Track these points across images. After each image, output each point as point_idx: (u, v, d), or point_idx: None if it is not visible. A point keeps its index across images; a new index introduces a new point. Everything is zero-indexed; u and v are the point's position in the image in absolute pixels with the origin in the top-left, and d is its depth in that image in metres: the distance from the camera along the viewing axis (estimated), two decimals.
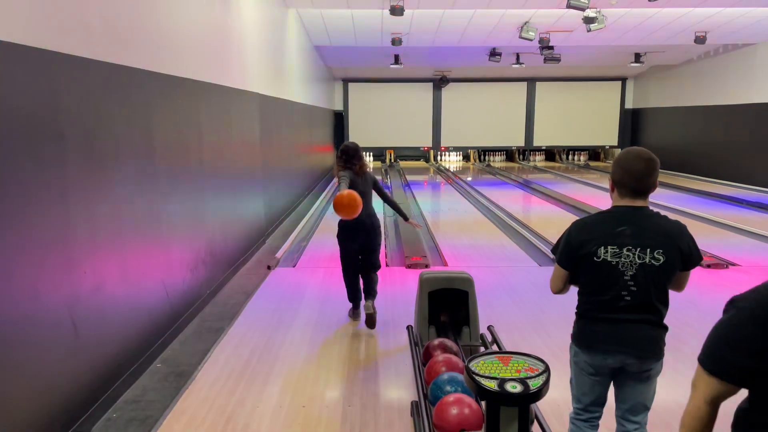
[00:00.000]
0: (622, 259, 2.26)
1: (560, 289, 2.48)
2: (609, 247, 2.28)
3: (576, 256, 2.34)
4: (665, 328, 2.36)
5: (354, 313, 4.93)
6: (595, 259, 2.29)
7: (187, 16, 5.11)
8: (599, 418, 2.49)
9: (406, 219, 5.17)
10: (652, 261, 2.24)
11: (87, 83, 3.35)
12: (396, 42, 13.29)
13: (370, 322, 4.59)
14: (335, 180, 5.05)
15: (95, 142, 3.43)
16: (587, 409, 2.47)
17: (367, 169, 4.80)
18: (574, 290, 2.51)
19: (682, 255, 2.26)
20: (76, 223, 3.20)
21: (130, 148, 3.89)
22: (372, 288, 4.72)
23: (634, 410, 2.39)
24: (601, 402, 2.46)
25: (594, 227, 2.35)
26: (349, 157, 4.66)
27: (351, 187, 4.47)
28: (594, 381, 2.41)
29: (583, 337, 2.40)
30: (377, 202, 4.93)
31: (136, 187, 3.97)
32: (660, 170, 2.35)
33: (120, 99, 3.77)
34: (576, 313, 2.45)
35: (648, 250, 2.24)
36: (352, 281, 4.84)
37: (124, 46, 3.83)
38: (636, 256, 2.25)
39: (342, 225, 4.68)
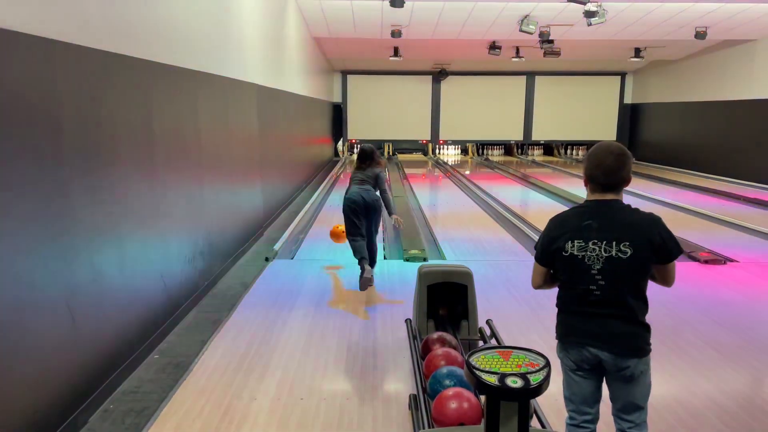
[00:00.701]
0: (588, 252, 2.26)
1: (539, 285, 2.49)
2: (575, 241, 2.28)
3: (549, 251, 2.36)
4: (643, 325, 2.31)
5: (362, 271, 5.39)
6: (563, 253, 2.30)
7: (186, 5, 5.06)
8: (594, 422, 2.44)
9: (390, 214, 5.51)
10: (619, 254, 2.22)
11: (84, 72, 3.32)
12: (396, 34, 13.24)
13: (366, 283, 5.23)
14: None
15: (93, 131, 3.40)
16: (579, 410, 2.43)
17: (377, 165, 5.54)
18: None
19: (653, 247, 2.22)
20: (74, 212, 3.18)
21: (128, 138, 3.86)
22: (372, 257, 5.58)
23: (625, 409, 2.36)
24: (592, 401, 2.42)
25: (566, 222, 2.36)
26: (362, 159, 5.55)
27: (352, 176, 5.51)
28: (579, 377, 2.39)
29: (561, 331, 2.42)
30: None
31: (134, 176, 3.94)
32: (658, 165, 2.34)
33: (118, 88, 3.74)
34: (556, 307, 2.47)
35: (614, 243, 2.23)
36: (359, 244, 5.42)
37: (122, 35, 3.79)
38: (602, 250, 2.24)
39: (347, 199, 5.42)
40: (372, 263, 5.60)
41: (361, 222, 5.42)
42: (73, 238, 3.16)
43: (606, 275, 2.24)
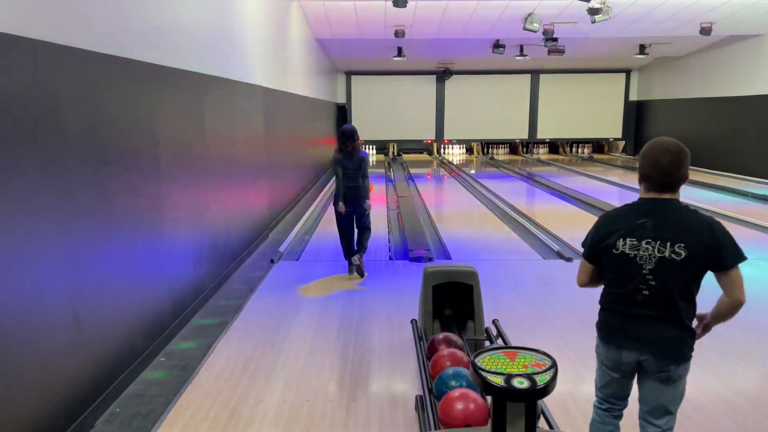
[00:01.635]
0: (641, 251, 2.21)
1: (585, 283, 2.45)
2: (628, 239, 2.23)
3: (598, 248, 2.32)
4: (689, 330, 2.25)
5: (350, 268, 5.93)
6: (614, 251, 2.26)
7: (189, 9, 5.07)
8: (623, 408, 2.45)
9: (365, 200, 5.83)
10: (673, 255, 2.17)
11: (88, 75, 3.32)
12: (399, 34, 13.21)
13: (359, 271, 5.78)
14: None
15: (97, 134, 3.41)
16: (608, 400, 2.44)
17: (358, 149, 5.71)
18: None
19: (708, 251, 2.15)
20: (79, 215, 3.18)
21: (132, 141, 3.87)
22: (362, 243, 5.87)
23: (654, 412, 2.32)
24: (622, 396, 2.42)
25: (617, 219, 2.31)
26: (344, 139, 5.65)
27: (343, 171, 5.67)
28: (612, 376, 2.37)
29: (602, 329, 2.38)
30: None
31: (139, 179, 3.95)
32: None
33: (122, 91, 3.74)
34: (599, 304, 2.43)
35: (668, 243, 2.17)
36: (348, 241, 5.87)
37: (126, 38, 3.80)
38: (656, 250, 2.19)
39: (342, 193, 5.71)
40: (363, 249, 5.91)
41: (351, 218, 5.81)
42: (78, 241, 3.16)
43: (657, 276, 2.19)
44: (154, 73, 4.21)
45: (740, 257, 2.19)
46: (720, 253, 2.16)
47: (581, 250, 2.50)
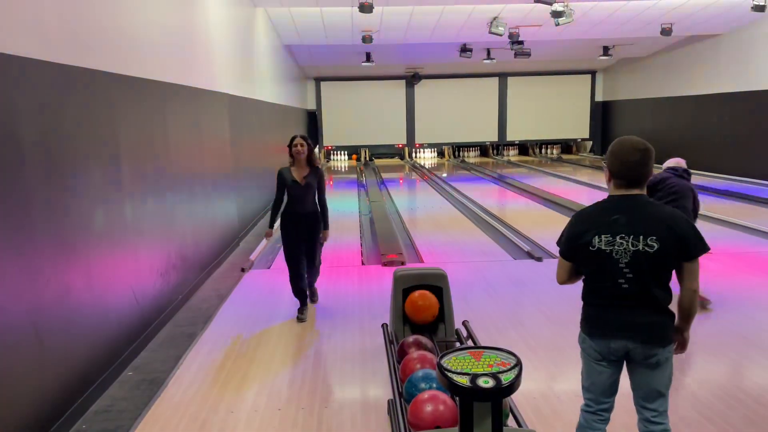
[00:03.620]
0: (616, 246, 2.29)
1: (564, 281, 2.51)
2: (603, 235, 2.31)
3: (574, 246, 2.38)
4: (669, 314, 2.36)
5: (300, 313, 4.90)
6: (590, 248, 2.33)
7: (150, 16, 5.00)
8: (609, 410, 2.48)
9: (324, 227, 4.95)
10: (646, 248, 2.26)
11: (44, 86, 3.25)
12: (367, 39, 13.24)
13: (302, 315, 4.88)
14: None
15: (55, 146, 3.33)
16: (597, 400, 2.46)
17: (317, 165, 4.85)
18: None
19: (677, 242, 2.25)
20: (37, 229, 3.10)
21: (93, 152, 3.79)
22: (313, 288, 5.15)
23: (648, 397, 2.40)
24: (611, 392, 2.46)
25: (590, 217, 2.38)
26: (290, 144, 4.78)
27: (289, 190, 4.75)
28: (601, 368, 2.41)
29: (588, 323, 2.42)
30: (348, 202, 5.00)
31: (100, 191, 3.87)
32: None
33: (81, 102, 3.67)
34: (582, 300, 2.47)
35: (641, 237, 2.26)
36: (296, 273, 4.89)
37: (84, 48, 3.73)
38: (630, 244, 2.27)
39: (285, 216, 4.86)
40: (312, 294, 5.17)
41: (300, 245, 4.85)
42: (37, 254, 3.08)
43: (633, 268, 2.28)
44: (112, 82, 4.13)
45: (705, 248, 2.30)
46: (688, 243, 2.27)
47: (551, 249, 2.54)
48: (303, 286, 4.92)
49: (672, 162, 4.92)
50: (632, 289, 2.29)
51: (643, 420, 2.42)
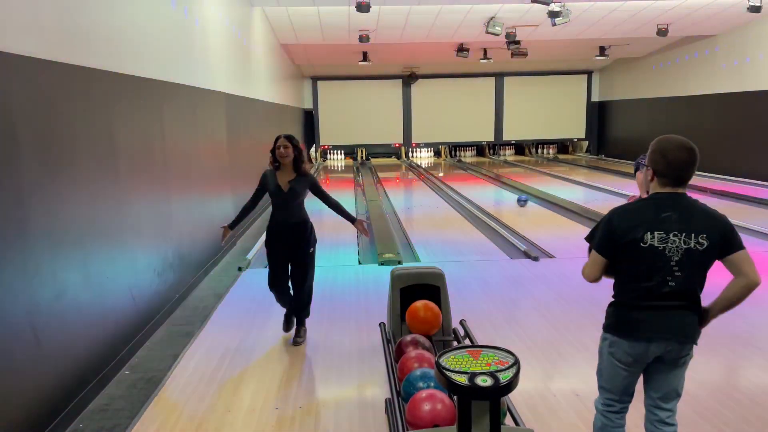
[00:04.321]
0: (669, 244, 2.28)
1: (597, 278, 2.44)
2: (656, 232, 2.28)
3: (620, 242, 2.32)
4: (701, 313, 2.37)
5: (286, 323, 4.38)
6: (641, 244, 2.29)
7: (147, 15, 4.99)
8: (628, 408, 2.49)
9: (353, 220, 4.34)
10: (697, 246, 2.27)
11: (41, 84, 3.24)
12: (364, 39, 13.24)
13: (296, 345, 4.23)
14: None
15: (52, 145, 3.32)
16: (621, 399, 2.44)
17: (305, 170, 4.23)
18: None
19: (722, 238, 2.27)
20: (34, 227, 3.09)
21: (90, 150, 3.78)
22: (300, 309, 4.32)
23: (666, 397, 2.40)
24: (632, 392, 2.46)
25: (638, 213, 2.34)
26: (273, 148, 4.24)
27: (272, 197, 4.18)
28: (629, 372, 2.39)
29: (625, 325, 2.36)
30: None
31: (97, 189, 3.86)
32: (626, 161, 2.38)
33: (78, 100, 3.66)
34: (613, 302, 2.43)
35: (693, 234, 2.27)
36: (280, 300, 4.38)
37: (80, 46, 3.72)
38: (682, 241, 2.27)
39: (268, 228, 4.27)
40: (298, 328, 4.35)
41: (285, 265, 4.23)
42: (33, 252, 3.08)
43: (683, 267, 2.27)
44: (110, 80, 4.13)
45: (742, 243, 2.34)
46: (733, 236, 2.30)
47: (548, 249, 2.53)
48: (289, 315, 4.35)
49: None
50: (678, 287, 2.28)
51: (656, 421, 2.41)
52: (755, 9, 10.56)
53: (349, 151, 21.05)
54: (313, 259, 4.28)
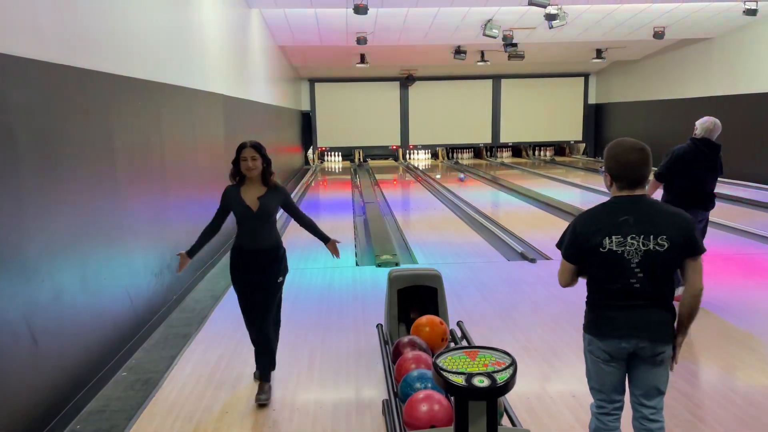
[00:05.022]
0: (627, 247, 2.30)
1: (569, 283, 2.51)
2: (614, 236, 2.31)
3: (582, 248, 2.37)
4: (673, 312, 2.39)
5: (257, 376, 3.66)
6: (600, 249, 2.33)
7: (145, 17, 5.00)
8: (621, 409, 2.50)
9: (326, 240, 3.70)
10: (656, 247, 2.29)
11: (38, 86, 3.25)
12: (361, 41, 13.26)
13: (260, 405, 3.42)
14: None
15: (50, 146, 3.33)
16: (611, 399, 2.47)
17: (272, 184, 3.55)
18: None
19: (684, 240, 2.29)
20: (32, 229, 3.10)
21: (88, 152, 3.79)
22: (263, 353, 3.51)
23: (648, 395, 2.42)
24: (621, 389, 2.47)
25: (597, 218, 2.38)
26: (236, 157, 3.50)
27: (237, 217, 3.48)
28: (611, 368, 2.42)
29: (597, 324, 2.42)
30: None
31: (95, 190, 3.87)
32: None
33: (76, 101, 3.67)
34: (587, 303, 2.48)
35: (651, 236, 2.29)
36: (253, 335, 3.61)
37: (79, 48, 3.73)
38: (640, 243, 2.29)
39: (232, 254, 3.58)
40: (269, 365, 3.55)
41: (254, 293, 3.47)
42: (30, 254, 3.08)
43: (645, 268, 2.30)
44: (107, 82, 4.13)
45: (703, 247, 2.38)
46: (694, 241, 2.32)
47: (544, 251, 2.55)
48: (265, 349, 3.55)
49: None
50: (643, 288, 2.31)
51: (641, 418, 2.44)
52: (752, 12, 10.61)
53: (347, 153, 21.07)
54: (281, 291, 3.56)
